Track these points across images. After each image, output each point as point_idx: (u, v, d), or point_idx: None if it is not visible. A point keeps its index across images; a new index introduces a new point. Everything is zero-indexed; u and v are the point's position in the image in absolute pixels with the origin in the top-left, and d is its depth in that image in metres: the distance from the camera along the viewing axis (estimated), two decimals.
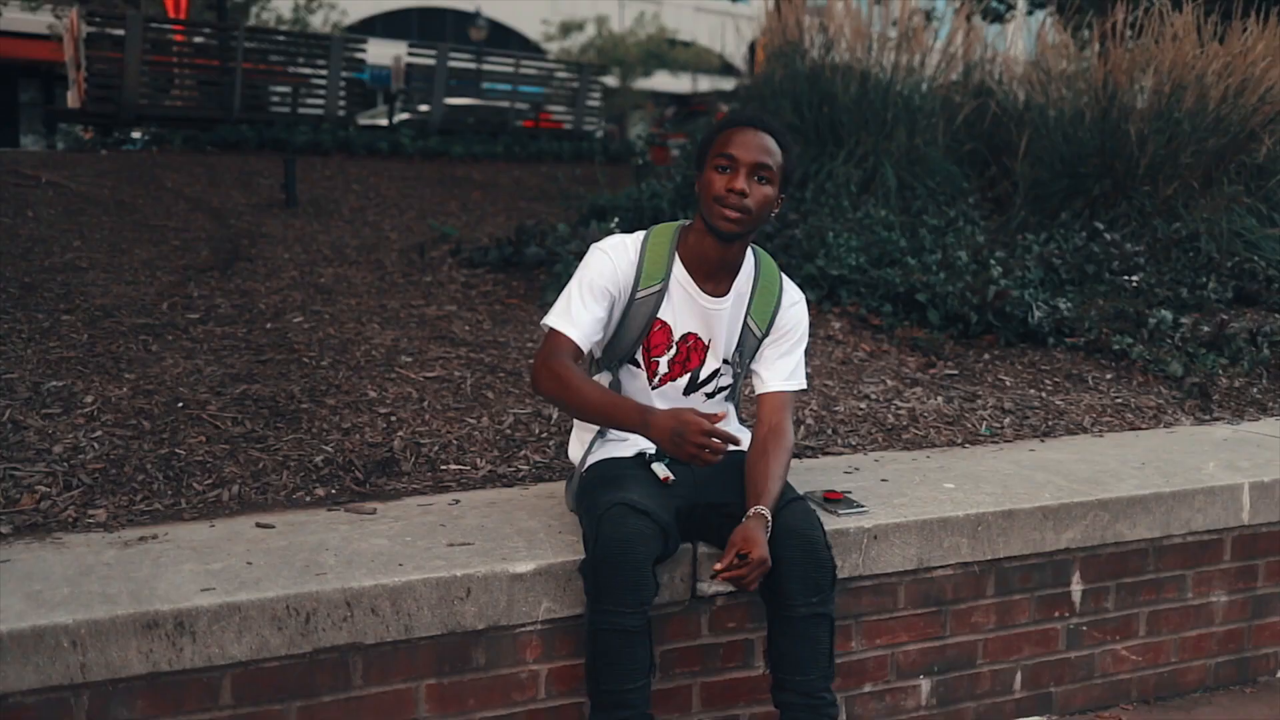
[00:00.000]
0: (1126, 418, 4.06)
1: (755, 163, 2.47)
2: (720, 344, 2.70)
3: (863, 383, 4.17)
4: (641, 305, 2.62)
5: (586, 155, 11.90)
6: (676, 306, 2.63)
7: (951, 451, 3.60)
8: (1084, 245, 5.72)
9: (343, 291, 4.99)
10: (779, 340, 2.75)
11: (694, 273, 2.62)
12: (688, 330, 2.66)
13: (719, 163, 2.49)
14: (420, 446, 3.32)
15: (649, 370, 2.69)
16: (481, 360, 4.09)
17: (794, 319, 2.76)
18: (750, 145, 2.48)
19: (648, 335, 2.65)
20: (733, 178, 2.47)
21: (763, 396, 2.73)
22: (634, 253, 2.61)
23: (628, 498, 2.41)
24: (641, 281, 2.60)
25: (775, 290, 2.73)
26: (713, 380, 2.74)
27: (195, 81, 12.42)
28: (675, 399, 2.71)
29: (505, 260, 5.43)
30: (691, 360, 2.70)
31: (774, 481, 2.53)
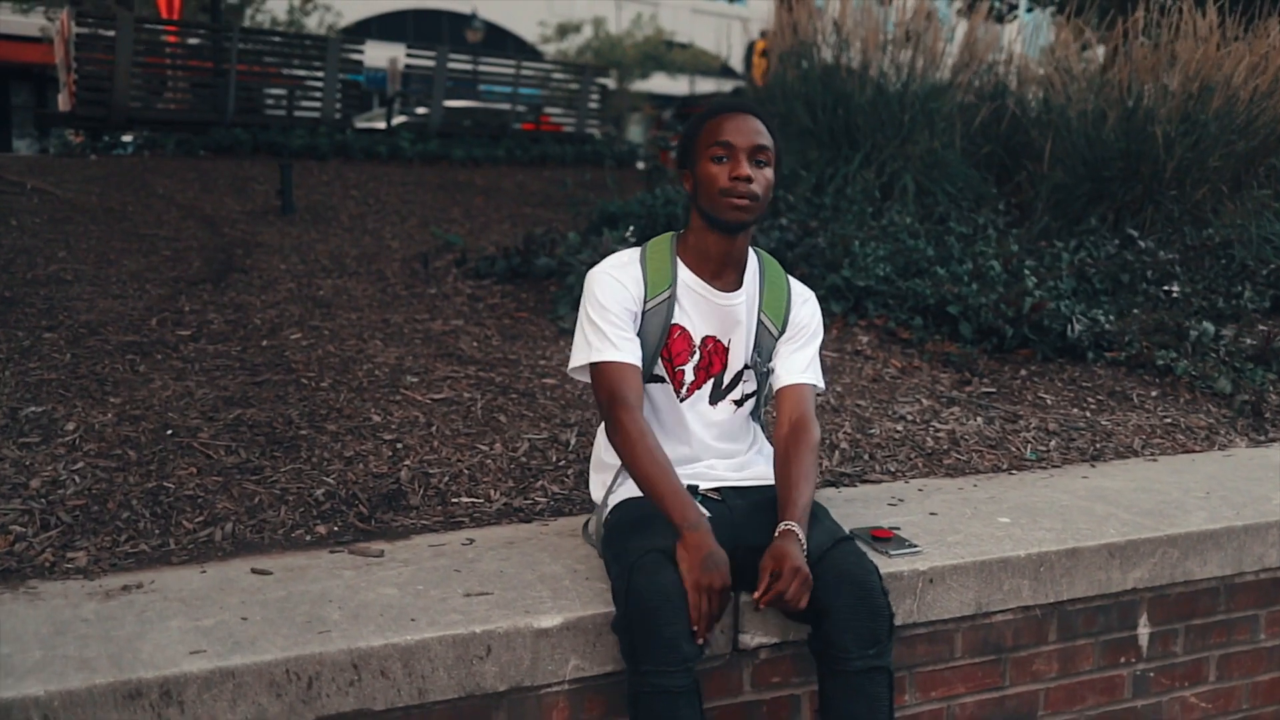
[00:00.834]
0: (1177, 439, 3.82)
1: (754, 145, 2.34)
2: (740, 345, 2.53)
3: (897, 402, 3.93)
4: (653, 316, 2.44)
5: (590, 158, 11.65)
6: (690, 309, 2.47)
7: (999, 479, 3.36)
8: (1116, 253, 5.48)
9: (343, 305, 4.74)
10: (795, 338, 2.58)
11: (701, 272, 2.47)
12: (706, 334, 2.50)
13: (715, 153, 2.34)
14: (429, 477, 3.08)
15: (675, 381, 2.51)
16: (492, 380, 3.84)
17: (808, 315, 2.61)
18: (745, 130, 2.34)
19: (666, 344, 2.47)
20: (734, 165, 2.32)
21: (781, 392, 2.55)
22: (635, 265, 2.46)
23: (661, 544, 2.18)
24: (649, 291, 2.44)
25: (783, 285, 2.58)
26: (737, 386, 2.56)
27: (188, 84, 12.14)
28: (701, 411, 2.53)
29: (513, 271, 5.19)
30: (714, 365, 2.53)
31: (801, 489, 2.34)
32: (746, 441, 2.63)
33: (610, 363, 2.38)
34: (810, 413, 2.50)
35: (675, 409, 2.52)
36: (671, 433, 2.52)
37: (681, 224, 5.84)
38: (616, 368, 2.38)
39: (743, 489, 2.52)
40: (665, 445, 2.49)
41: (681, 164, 2.46)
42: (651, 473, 2.28)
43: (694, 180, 2.40)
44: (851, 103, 6.72)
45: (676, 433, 2.53)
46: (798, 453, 2.41)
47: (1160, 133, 6.34)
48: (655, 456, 2.30)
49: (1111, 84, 6.87)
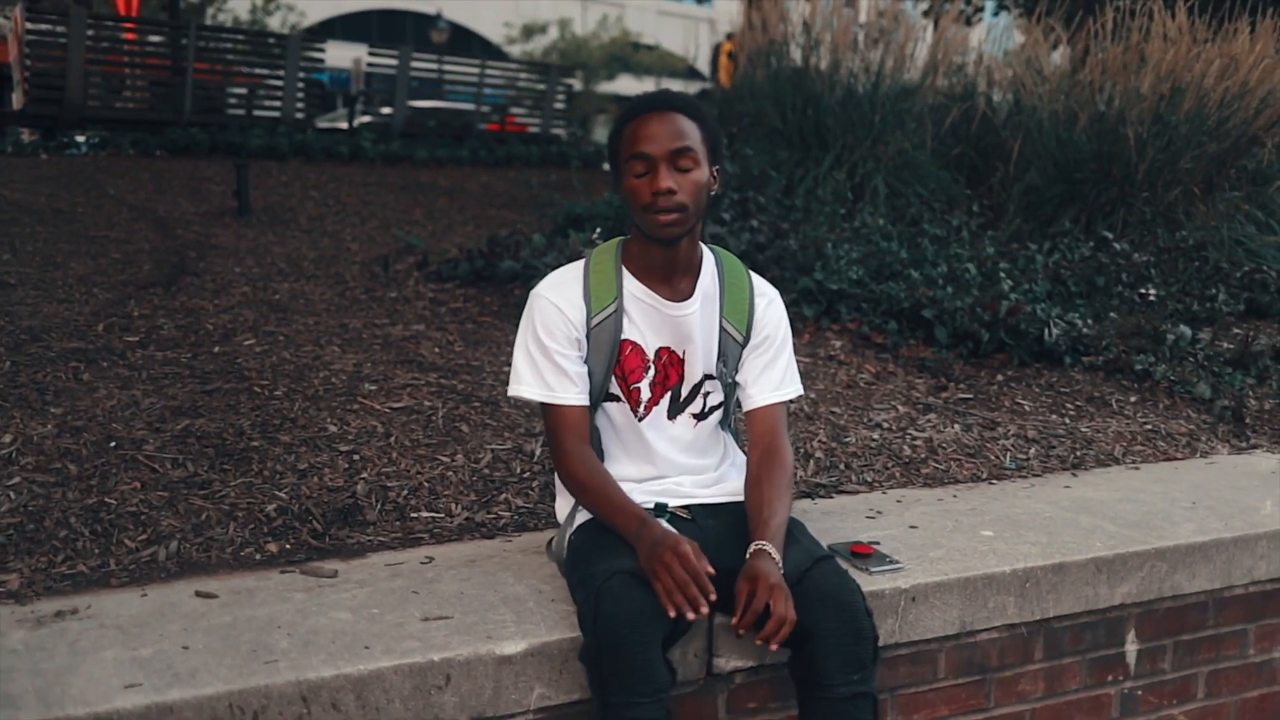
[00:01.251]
0: (1159, 446, 3.73)
1: (672, 150, 2.13)
2: (698, 354, 2.35)
3: (872, 409, 3.82)
4: (600, 332, 2.28)
5: (555, 159, 11.50)
6: (640, 322, 2.30)
7: (979, 489, 3.25)
8: (1091, 256, 5.40)
9: (299, 310, 4.58)
10: (762, 346, 2.40)
11: (648, 280, 2.30)
12: (660, 345, 2.33)
13: (633, 166, 2.16)
14: (387, 491, 2.93)
15: (630, 400, 2.35)
16: (454, 388, 3.69)
17: (774, 319, 2.42)
18: (660, 134, 2.13)
19: (618, 362, 2.31)
20: (653, 178, 2.14)
21: (751, 414, 2.40)
22: (576, 283, 2.30)
23: (629, 565, 2.05)
24: (592, 307, 2.27)
25: (745, 286, 2.39)
26: (697, 397, 2.39)
27: (144, 83, 11.88)
28: (661, 428, 2.38)
29: (476, 274, 5.04)
30: (670, 378, 2.36)
31: (774, 507, 2.21)
32: (717, 455, 2.48)
33: (557, 408, 2.27)
34: (783, 435, 2.37)
35: (635, 427, 2.37)
36: (634, 451, 2.39)
37: None
38: (561, 411, 2.26)
39: (715, 506, 2.38)
40: (629, 464, 2.37)
41: (612, 167, 2.28)
42: (603, 507, 2.20)
43: (620, 185, 2.23)
44: (821, 103, 6.63)
45: (639, 451, 2.38)
46: (770, 475, 2.27)
47: (1132, 134, 6.29)
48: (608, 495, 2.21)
49: (1082, 85, 6.81)
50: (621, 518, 2.14)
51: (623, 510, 2.15)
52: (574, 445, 2.25)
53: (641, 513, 2.14)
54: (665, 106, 2.17)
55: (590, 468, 2.23)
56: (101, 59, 11.38)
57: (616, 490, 2.21)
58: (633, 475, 2.37)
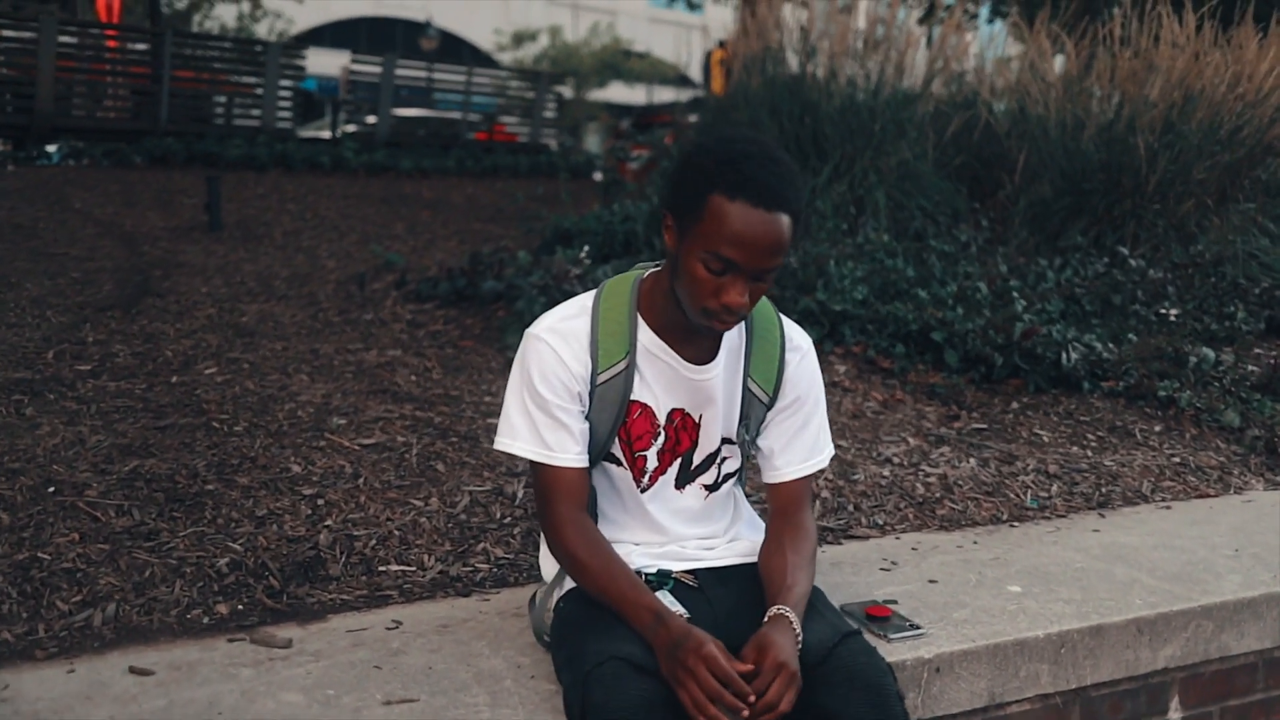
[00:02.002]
0: (1189, 481, 3.47)
1: (763, 268, 1.76)
2: (717, 419, 2.03)
3: (881, 442, 3.56)
4: (607, 390, 1.96)
5: (545, 169, 11.23)
6: (653, 381, 1.98)
7: (1000, 533, 2.99)
8: (1105, 272, 5.14)
9: (267, 333, 4.30)
10: (792, 408, 2.07)
11: (668, 336, 1.97)
12: (673, 407, 2.01)
13: (711, 264, 1.75)
14: (353, 541, 2.66)
15: (634, 469, 2.04)
16: (430, 421, 3.42)
17: (807, 376, 2.08)
18: (760, 242, 1.72)
19: (624, 424, 1.99)
20: (730, 286, 1.76)
21: (775, 487, 2.09)
22: (583, 332, 1.95)
23: (625, 650, 1.76)
24: (600, 363, 1.94)
25: (775, 338, 2.05)
26: (712, 466, 2.08)
27: (121, 91, 11.54)
28: (667, 498, 2.07)
29: (458, 294, 4.76)
30: (681, 443, 2.04)
31: (796, 577, 1.92)
32: (727, 518, 2.19)
33: (551, 469, 1.94)
34: (808, 508, 2.08)
35: (635, 496, 2.07)
36: (633, 516, 2.09)
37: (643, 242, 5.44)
38: (557, 473, 1.94)
39: (724, 571, 2.09)
40: (626, 529, 2.08)
41: (666, 204, 1.88)
42: (607, 593, 1.87)
43: (676, 251, 1.83)
44: (819, 111, 6.36)
45: (639, 518, 2.09)
46: (794, 544, 1.99)
47: (1142, 143, 6.04)
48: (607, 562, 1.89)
49: (1089, 93, 6.56)
50: (630, 609, 1.83)
51: (632, 601, 1.83)
52: (571, 514, 1.93)
53: (654, 603, 1.82)
54: (779, 206, 1.73)
55: (590, 543, 1.92)
56: (74, 66, 11.03)
57: (622, 572, 1.89)
58: (630, 539, 2.09)
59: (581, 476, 1.95)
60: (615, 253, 5.28)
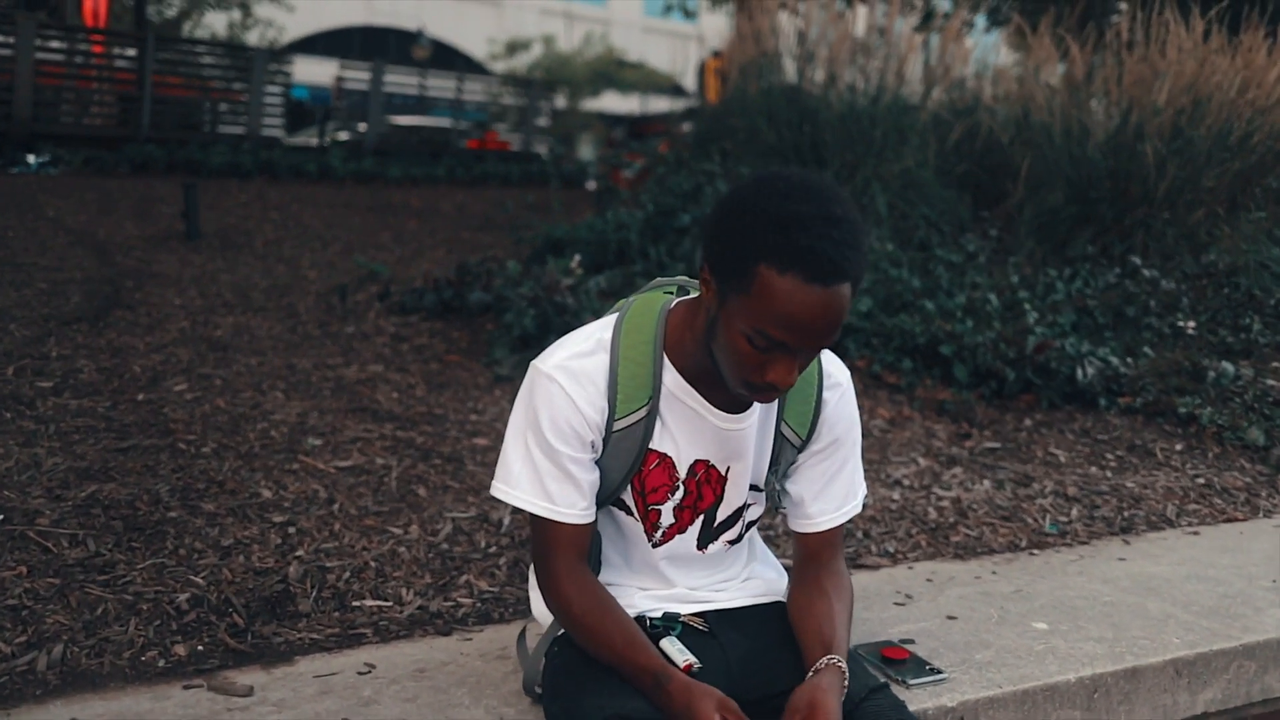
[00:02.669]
0: (1214, 503, 3.28)
1: (817, 347, 1.48)
2: (745, 471, 1.78)
3: (889, 463, 3.36)
4: (623, 438, 1.70)
5: (537, 178, 11.03)
6: (676, 430, 1.72)
7: (1019, 561, 2.79)
8: (1117, 283, 4.96)
9: (242, 347, 4.09)
10: (828, 451, 1.81)
11: (695, 381, 1.69)
12: (697, 458, 1.74)
13: (757, 341, 1.47)
14: (325, 573, 2.46)
15: (646, 523, 1.79)
16: (412, 442, 3.23)
17: (846, 415, 1.81)
18: (815, 324, 1.43)
19: (638, 473, 1.74)
20: (777, 363, 1.49)
21: (805, 536, 1.83)
22: (600, 370, 1.68)
23: (627, 706, 1.55)
24: (618, 409, 1.68)
25: (813, 376, 1.77)
26: (738, 521, 1.84)
27: (103, 97, 11.31)
28: (686, 558, 1.83)
29: (444, 305, 4.56)
30: (704, 499, 1.78)
31: (835, 624, 1.70)
32: (741, 562, 1.95)
33: (552, 524, 1.69)
34: (842, 559, 1.85)
35: (645, 549, 1.83)
36: (641, 567, 1.85)
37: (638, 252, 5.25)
38: (560, 528, 1.69)
39: (737, 613, 1.86)
40: (632, 576, 1.85)
41: (706, 257, 1.56)
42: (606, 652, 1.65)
43: (715, 312, 1.54)
44: (818, 118, 6.18)
45: (646, 569, 1.85)
46: (836, 592, 1.77)
47: (1151, 150, 5.86)
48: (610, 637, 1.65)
49: (1097, 98, 6.39)
50: (631, 670, 1.61)
51: (629, 661, 1.61)
52: (569, 568, 1.70)
53: (654, 663, 1.59)
54: (839, 278, 1.41)
55: (588, 598, 1.68)
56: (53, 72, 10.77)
57: (619, 628, 1.65)
58: (633, 583, 1.85)
59: (585, 532, 1.71)
60: (609, 262, 5.09)
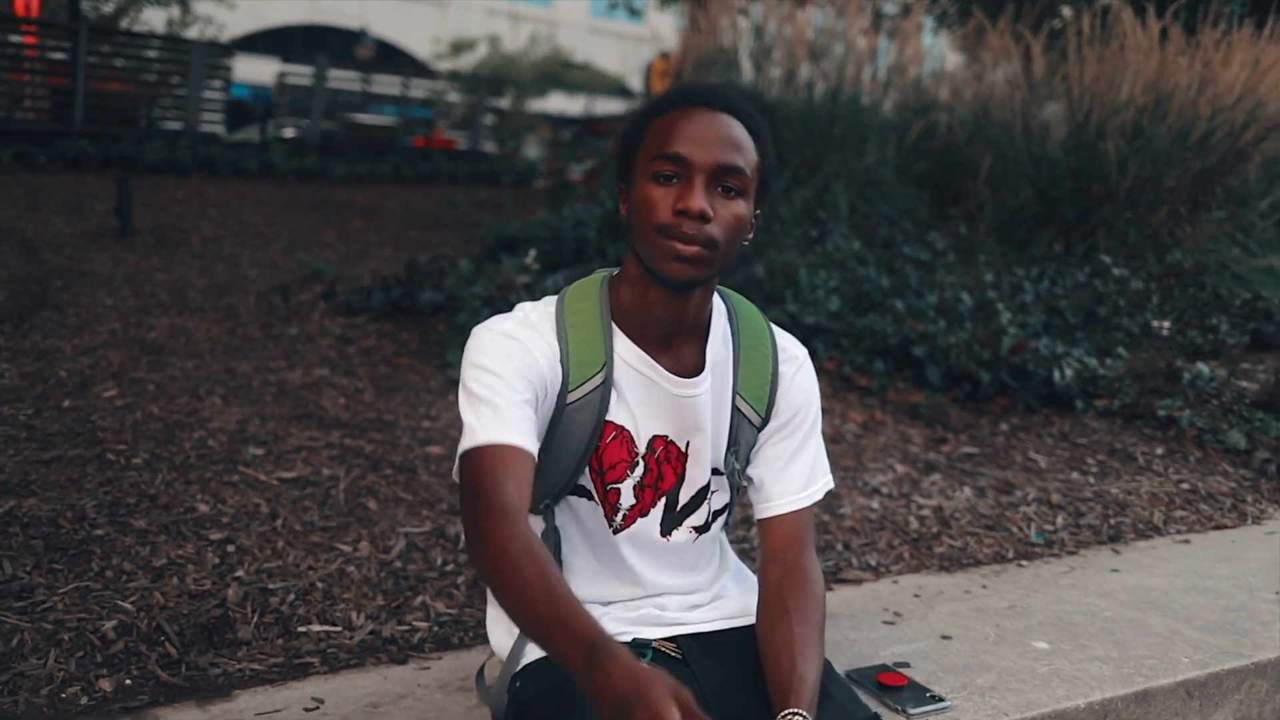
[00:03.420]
0: (1202, 510, 3.17)
1: (718, 164, 1.43)
2: (705, 448, 1.63)
3: (866, 469, 3.21)
4: (578, 411, 1.55)
5: (486, 176, 10.80)
6: (632, 400, 1.58)
7: (1009, 573, 2.65)
8: (1087, 282, 4.86)
9: (178, 350, 3.85)
10: (788, 428, 1.68)
11: (644, 342, 1.57)
12: (655, 433, 1.60)
13: (660, 168, 1.45)
14: (268, 596, 2.26)
15: (606, 505, 1.61)
16: (360, 450, 3.02)
17: (804, 390, 1.69)
18: (709, 137, 1.44)
19: (595, 450, 1.58)
20: (684, 191, 1.43)
21: (769, 523, 1.67)
22: (548, 333, 1.54)
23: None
24: (571, 377, 1.53)
25: (766, 349, 1.67)
26: (702, 505, 1.67)
27: (32, 90, 10.88)
28: (646, 545, 1.65)
29: (393, 306, 4.35)
30: (665, 479, 1.63)
31: (807, 660, 1.51)
32: (713, 567, 1.78)
33: (483, 447, 1.41)
34: (810, 549, 1.67)
35: (608, 540, 1.65)
36: (605, 564, 1.67)
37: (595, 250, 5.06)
38: (491, 453, 1.40)
39: (711, 638, 1.68)
40: (595, 583, 1.68)
41: (620, 174, 1.57)
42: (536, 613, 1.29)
43: (629, 207, 1.52)
44: (777, 115, 6.03)
45: (611, 568, 1.68)
46: (800, 606, 1.58)
47: (1113, 149, 5.79)
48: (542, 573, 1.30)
49: (1056, 96, 6.31)
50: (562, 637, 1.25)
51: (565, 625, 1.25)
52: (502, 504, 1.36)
53: (598, 634, 1.24)
54: (722, 105, 1.46)
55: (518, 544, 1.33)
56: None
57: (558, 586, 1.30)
58: (598, 596, 1.67)
59: (526, 462, 1.43)
60: (565, 260, 4.89)
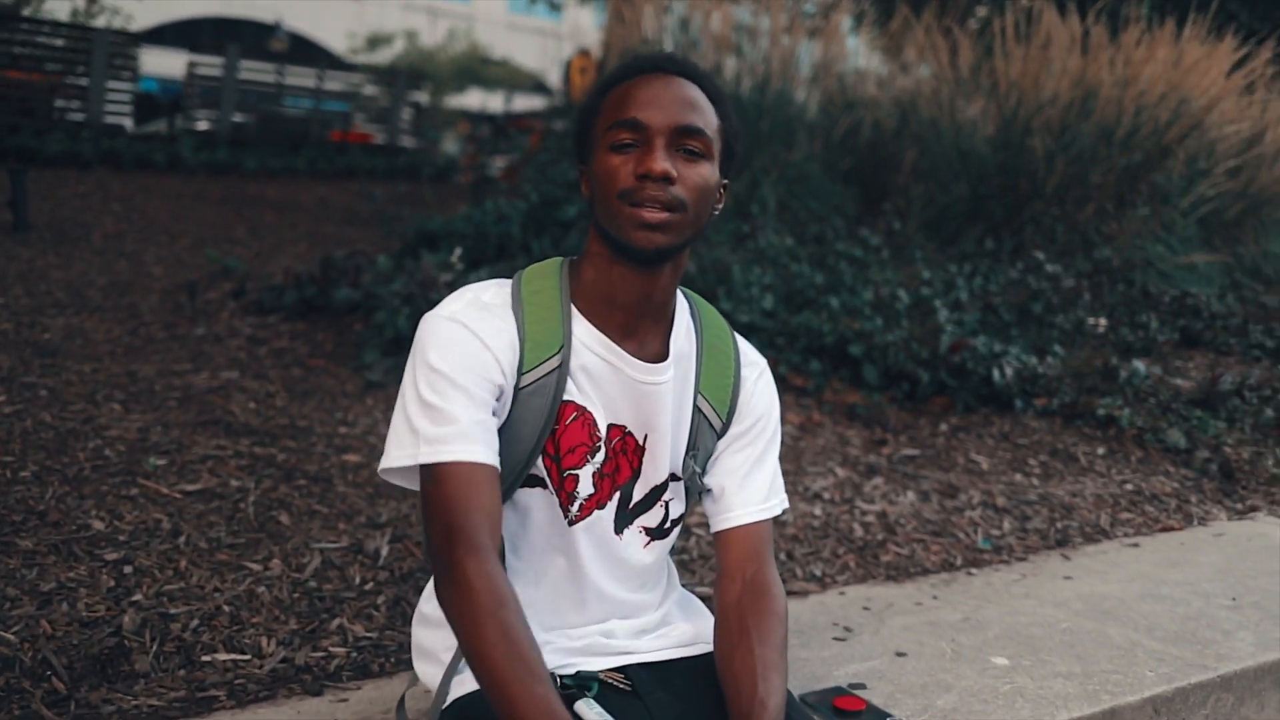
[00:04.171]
0: (1147, 511, 3.10)
1: (677, 125, 1.36)
2: (664, 444, 1.48)
3: (806, 474, 3.09)
4: (533, 396, 1.40)
5: (403, 172, 10.53)
6: (590, 385, 1.44)
7: (959, 583, 2.54)
8: (1020, 279, 4.80)
9: (74, 353, 3.60)
10: (749, 436, 1.56)
11: (606, 326, 1.44)
12: (611, 423, 1.46)
13: (618, 137, 1.37)
14: (169, 622, 2.06)
15: (562, 493, 1.45)
16: (272, 459, 2.82)
17: (764, 400, 1.58)
18: (666, 100, 1.37)
19: (552, 434, 1.43)
20: (644, 155, 1.35)
21: (727, 535, 1.54)
22: (503, 312, 1.42)
23: None
24: (526, 357, 1.39)
25: (729, 350, 1.56)
26: (655, 505, 1.52)
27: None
28: (601, 542, 1.50)
29: (307, 304, 4.13)
30: (621, 471, 1.49)
31: (770, 683, 1.38)
32: (660, 587, 1.62)
33: (451, 465, 1.31)
34: (771, 563, 1.54)
35: (562, 534, 1.48)
36: (552, 574, 1.50)
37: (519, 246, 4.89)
38: (461, 474, 1.30)
39: (662, 668, 1.52)
40: (540, 597, 1.51)
41: (579, 157, 1.48)
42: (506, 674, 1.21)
43: (591, 183, 1.42)
44: None
45: (561, 575, 1.50)
46: (761, 626, 1.44)
47: (1040, 145, 5.77)
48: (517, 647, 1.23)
49: (983, 91, 6.29)
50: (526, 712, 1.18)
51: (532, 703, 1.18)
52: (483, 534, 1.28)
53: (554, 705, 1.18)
54: (676, 70, 1.42)
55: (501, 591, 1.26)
56: None
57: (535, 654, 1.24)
58: (539, 619, 1.48)
59: (495, 482, 1.33)
60: (489, 256, 4.71)
